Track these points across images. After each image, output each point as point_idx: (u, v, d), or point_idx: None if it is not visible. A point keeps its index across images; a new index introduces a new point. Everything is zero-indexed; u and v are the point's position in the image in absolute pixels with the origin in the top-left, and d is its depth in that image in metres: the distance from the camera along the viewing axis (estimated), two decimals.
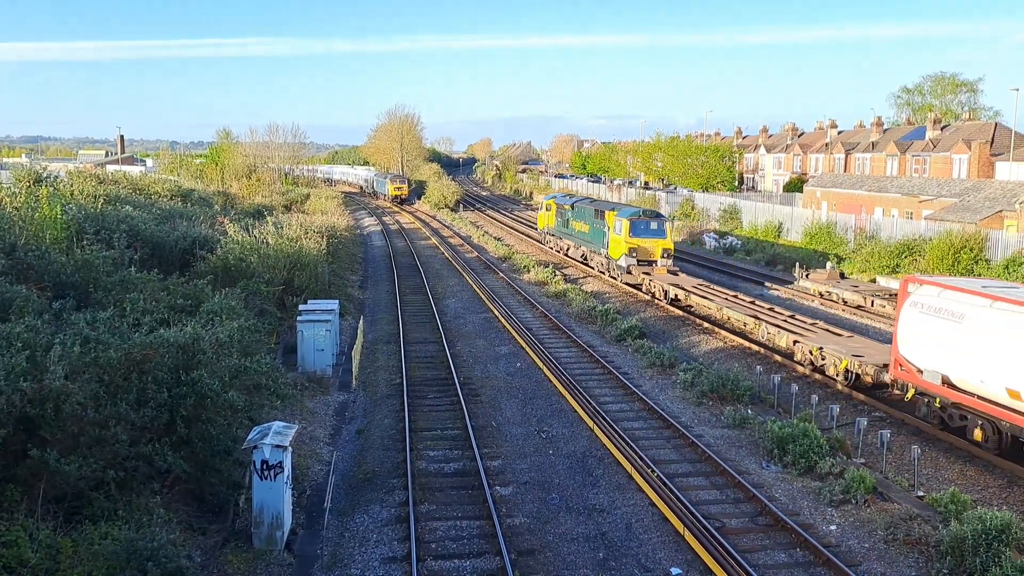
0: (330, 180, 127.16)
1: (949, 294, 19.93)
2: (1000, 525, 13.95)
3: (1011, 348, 17.39)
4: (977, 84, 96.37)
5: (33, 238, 23.61)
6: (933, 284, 20.93)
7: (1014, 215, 45.47)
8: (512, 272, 48.22)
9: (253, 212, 51.67)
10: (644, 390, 24.57)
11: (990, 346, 18.03)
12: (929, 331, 19.95)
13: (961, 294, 19.61)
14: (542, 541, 15.22)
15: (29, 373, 13.12)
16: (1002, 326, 17.85)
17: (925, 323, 20.14)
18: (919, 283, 21.32)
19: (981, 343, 18.31)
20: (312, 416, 21.63)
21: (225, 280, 26.90)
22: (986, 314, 18.44)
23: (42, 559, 11.14)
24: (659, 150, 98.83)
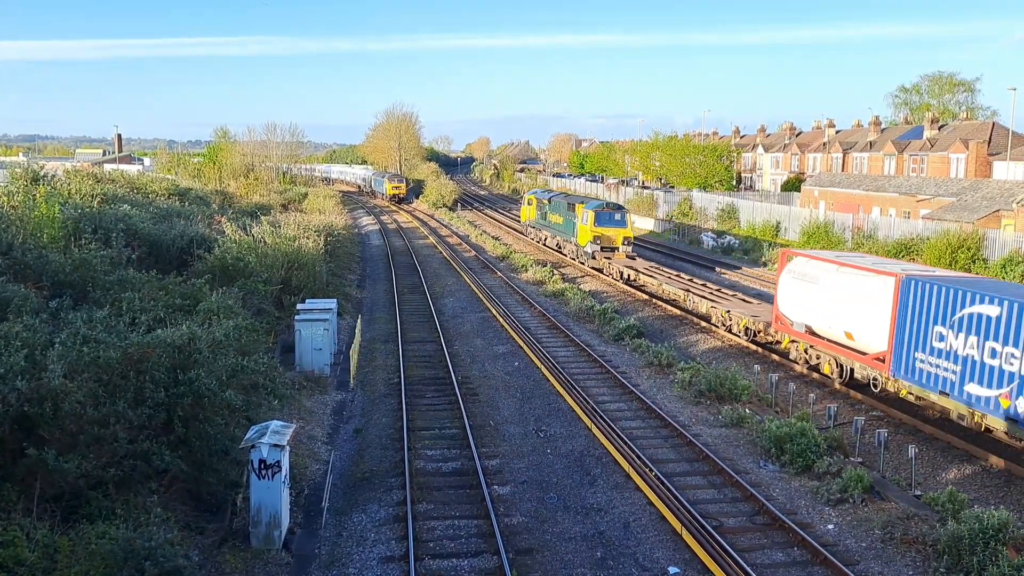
0: (328, 179, 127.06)
1: (811, 262, 25.67)
2: (997, 524, 13.97)
3: (848, 301, 23.23)
4: (974, 84, 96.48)
5: (31, 237, 23.57)
6: (802, 255, 26.83)
7: (1011, 214, 45.54)
8: (510, 271, 48.23)
9: (251, 211, 51.63)
10: (642, 389, 24.59)
11: (835, 301, 23.76)
12: (798, 292, 25.69)
13: (819, 262, 25.36)
14: (540, 540, 15.22)
15: (27, 372, 13.10)
16: (843, 285, 23.60)
17: (795, 286, 25.89)
18: (793, 255, 27.06)
19: (830, 299, 24.01)
20: (310, 415, 21.62)
21: (223, 279, 26.87)
22: (834, 277, 24.19)
23: (39, 558, 11.13)
24: (657, 149, 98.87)
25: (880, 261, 26.41)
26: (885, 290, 21.97)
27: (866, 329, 22.70)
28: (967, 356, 19.26)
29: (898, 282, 21.63)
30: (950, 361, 19.82)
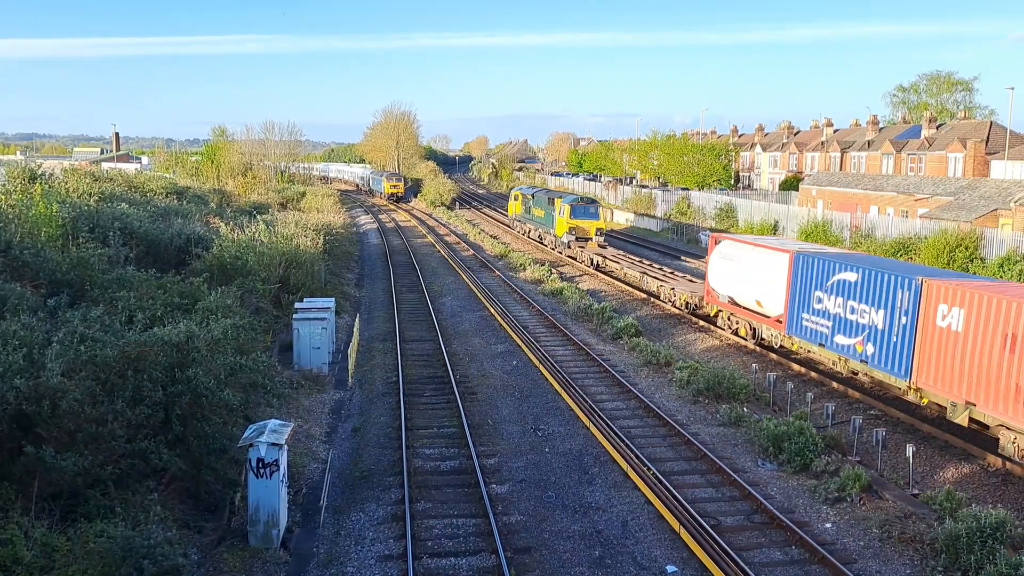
0: (326, 178, 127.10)
1: (734, 244, 30.34)
2: (995, 523, 14.00)
3: (758, 275, 27.81)
4: (972, 83, 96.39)
5: (28, 236, 23.53)
6: (727, 239, 31.45)
7: (1009, 214, 45.58)
8: (508, 270, 48.24)
9: (249, 210, 51.59)
10: (640, 388, 24.61)
11: (749, 275, 28.37)
12: (722, 270, 30.17)
13: (739, 244, 30.16)
14: (538, 539, 15.23)
15: (25, 371, 13.09)
16: (755, 262, 28.17)
17: (721, 264, 30.30)
18: (720, 239, 31.60)
19: (746, 274, 28.60)
20: (308, 414, 21.61)
21: (221, 278, 26.85)
22: (748, 255, 28.75)
23: (37, 557, 11.12)
24: (655, 148, 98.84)
25: (784, 242, 31.62)
26: (783, 264, 26.55)
27: (770, 297, 27.31)
28: (836, 314, 23.91)
29: (791, 257, 26.14)
30: (825, 319, 24.46)
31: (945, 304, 19.78)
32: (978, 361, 18.67)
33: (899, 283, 21.41)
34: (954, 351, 19.41)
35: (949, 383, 19.58)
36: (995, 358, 18.20)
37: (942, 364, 19.81)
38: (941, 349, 19.83)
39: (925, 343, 20.37)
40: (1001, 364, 18.01)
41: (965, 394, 19.06)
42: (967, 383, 19.01)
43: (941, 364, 19.85)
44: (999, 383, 18.05)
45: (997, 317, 18.26)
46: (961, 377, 19.19)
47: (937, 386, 20.00)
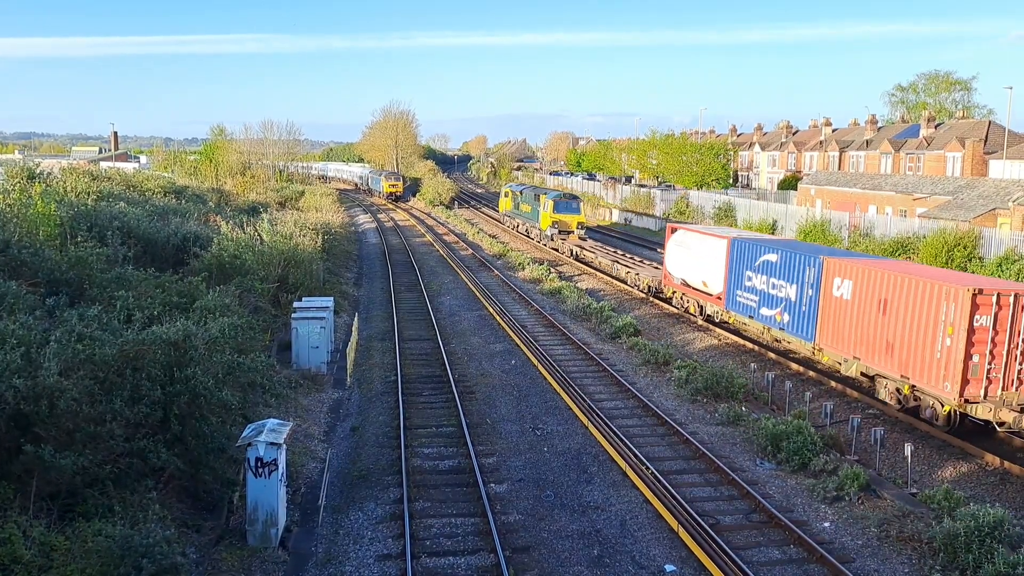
0: (325, 177, 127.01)
1: (686, 233, 34.41)
2: (993, 522, 14.02)
3: (704, 259, 31.83)
4: (971, 82, 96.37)
5: (26, 235, 23.52)
6: (680, 228, 35.45)
7: (1007, 213, 45.62)
8: (507, 269, 48.24)
9: (248, 209, 51.56)
10: (638, 387, 24.62)
11: (697, 260, 32.42)
12: (676, 256, 34.33)
13: (690, 232, 34.22)
14: (536, 538, 15.23)
15: (23, 370, 13.07)
16: (701, 248, 32.21)
17: (675, 251, 34.41)
18: (675, 228, 35.79)
19: (695, 258, 32.71)
20: (307, 413, 21.61)
21: (219, 277, 26.83)
22: (696, 242, 32.85)
23: (36, 556, 11.12)
24: (654, 148, 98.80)
25: (726, 230, 36.36)
26: (722, 249, 30.61)
27: (713, 278, 31.33)
28: (761, 289, 27.90)
29: (728, 243, 30.29)
30: (753, 294, 28.45)
31: (839, 277, 23.60)
32: (861, 323, 22.59)
33: (807, 261, 25.31)
34: (845, 316, 23.28)
35: (842, 343, 23.45)
36: (872, 320, 22.12)
37: (837, 327, 23.67)
38: (836, 315, 23.70)
39: (825, 310, 24.26)
40: (877, 325, 21.94)
41: (853, 351, 22.95)
42: (854, 342, 22.91)
43: (836, 327, 23.72)
44: (875, 340, 22.01)
45: (874, 286, 22.11)
46: (850, 337, 23.06)
47: (833, 346, 23.92)
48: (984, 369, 19.22)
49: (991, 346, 19.15)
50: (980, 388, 19.27)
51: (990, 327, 19.10)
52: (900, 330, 21.09)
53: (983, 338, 19.12)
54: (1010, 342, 19.15)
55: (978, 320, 19.08)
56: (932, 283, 20.30)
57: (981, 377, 19.23)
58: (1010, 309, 19.12)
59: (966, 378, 19.19)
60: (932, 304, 20.08)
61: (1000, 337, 19.13)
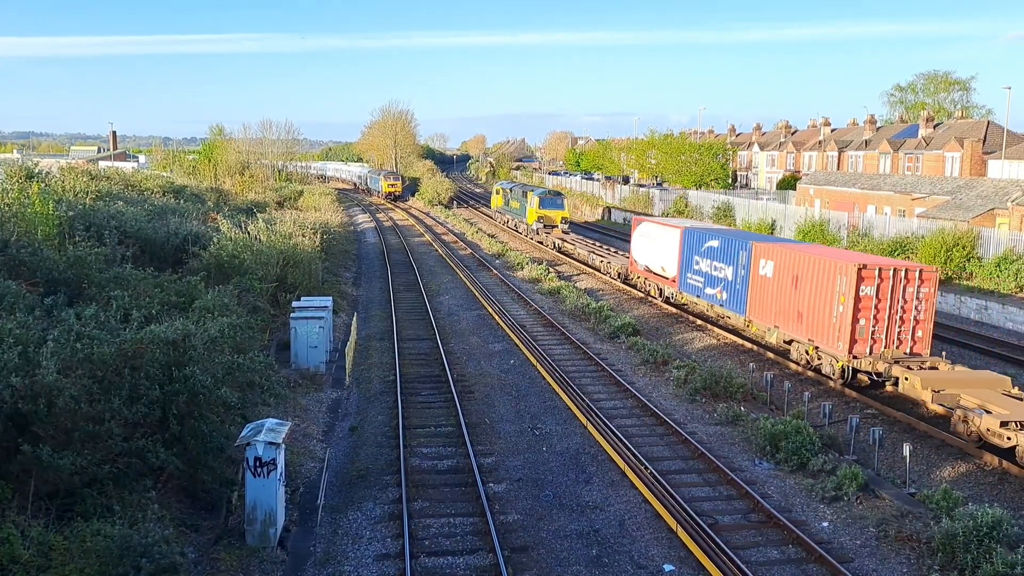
0: (324, 177, 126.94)
1: (649, 224, 38.37)
2: (991, 521, 14.02)
3: (662, 247, 35.89)
4: (969, 82, 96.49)
5: (25, 234, 23.49)
6: (645, 221, 39.33)
7: (1006, 213, 45.65)
8: (506, 269, 48.23)
9: (246, 208, 51.51)
10: (637, 387, 24.62)
11: (657, 247, 36.43)
12: (641, 245, 38.35)
13: (652, 224, 38.25)
14: (535, 538, 15.23)
15: (21, 369, 13.05)
16: (660, 237, 36.15)
17: (640, 241, 38.42)
18: (640, 221, 39.51)
19: (655, 247, 36.65)
20: (305, 413, 21.60)
21: (218, 277, 26.81)
22: (656, 232, 36.86)
23: (34, 556, 11.11)
24: (653, 147, 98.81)
25: (681, 221, 41.28)
26: (676, 238, 34.43)
27: (669, 263, 35.22)
28: (706, 272, 31.67)
29: (681, 232, 34.15)
30: (700, 276, 32.31)
31: (764, 259, 27.40)
32: (780, 297, 26.42)
33: (740, 246, 29.14)
34: (768, 292, 27.10)
35: (766, 315, 27.29)
36: (788, 294, 25.96)
37: (762, 301, 27.53)
38: (762, 291, 27.51)
39: (754, 288, 28.00)
40: (791, 298, 25.76)
41: (774, 321, 26.79)
42: (775, 313, 26.75)
43: (761, 302, 27.54)
44: (790, 311, 25.86)
45: (789, 265, 25.92)
46: (772, 310, 26.92)
47: (760, 318, 27.83)
48: (869, 331, 22.96)
49: (874, 312, 22.92)
50: (866, 347, 22.99)
51: (873, 296, 22.81)
52: (807, 301, 24.89)
53: (868, 305, 22.87)
54: (890, 309, 22.91)
55: (863, 290, 22.80)
56: (829, 260, 24.16)
57: (867, 338, 22.97)
58: (890, 281, 22.85)
59: (854, 339, 22.97)
60: (829, 278, 23.82)
61: (882, 304, 22.87)
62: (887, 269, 23.04)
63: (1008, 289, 36.47)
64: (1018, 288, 36.33)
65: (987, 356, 27.48)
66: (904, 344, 23.05)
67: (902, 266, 23.40)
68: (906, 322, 23.07)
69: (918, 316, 23.11)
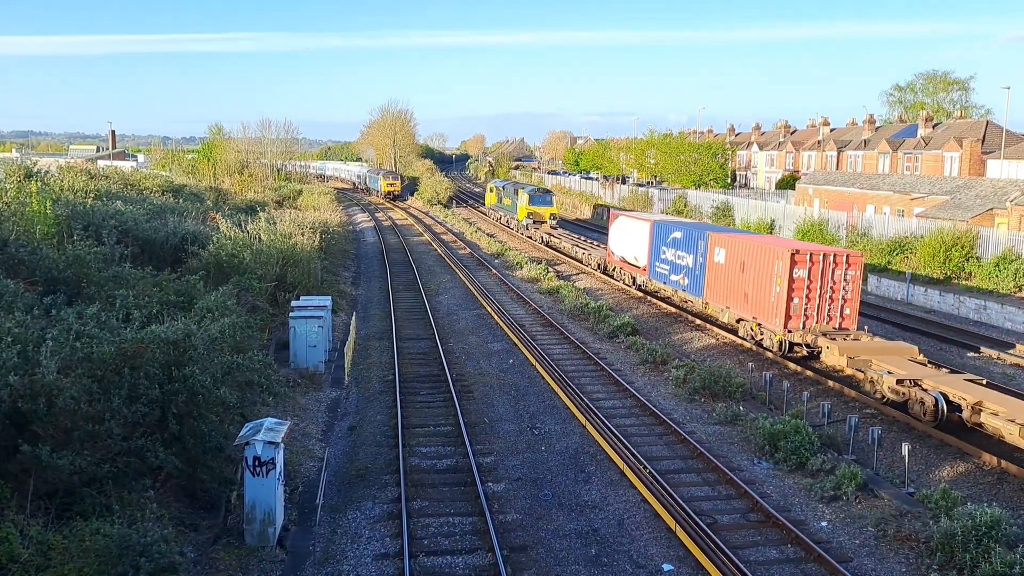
0: (323, 176, 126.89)
1: (625, 218, 41.05)
2: (990, 521, 14.04)
3: (635, 238, 38.94)
4: (968, 82, 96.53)
5: (24, 233, 23.48)
6: (621, 215, 41.91)
7: (1005, 213, 45.68)
8: (505, 268, 48.24)
9: (245, 208, 51.49)
10: (636, 387, 24.62)
11: (631, 239, 39.43)
12: (617, 237, 41.38)
13: (627, 218, 40.86)
14: (534, 537, 15.23)
15: (20, 368, 13.04)
16: (634, 229, 39.13)
17: (616, 233, 41.51)
18: (617, 215, 42.24)
19: (629, 238, 39.70)
20: (304, 412, 21.60)
21: (217, 276, 26.80)
22: (630, 225, 39.68)
23: (33, 555, 11.10)
24: (652, 147, 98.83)
25: (652, 215, 46.14)
26: (647, 230, 37.48)
27: (641, 253, 38.28)
28: (671, 260, 34.81)
29: (651, 224, 37.21)
30: (666, 265, 35.37)
31: (718, 247, 30.41)
32: (731, 281, 29.47)
33: (699, 236, 32.17)
34: (721, 276, 30.20)
35: (720, 297, 30.46)
36: (737, 278, 29.03)
37: (717, 286, 30.59)
38: (716, 276, 30.59)
39: (710, 273, 31.11)
40: (739, 281, 28.86)
41: (726, 303, 29.99)
42: (726, 296, 29.91)
43: (716, 286, 30.65)
44: (738, 293, 28.89)
45: (738, 252, 29.01)
46: (724, 292, 30.07)
47: (715, 300, 31.00)
48: (802, 308, 26.07)
49: (806, 292, 26.00)
50: (799, 322, 26.15)
51: (805, 278, 25.92)
52: (752, 284, 27.98)
53: (800, 286, 25.96)
54: (820, 289, 26.04)
55: (796, 273, 25.85)
56: (768, 247, 27.43)
57: (800, 314, 26.09)
58: (820, 265, 25.95)
59: (789, 315, 26.07)
60: (769, 263, 26.90)
61: (813, 285, 26.01)
62: (817, 254, 26.15)
63: (1007, 289, 36.50)
64: (1016, 288, 36.36)
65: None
66: (833, 320, 26.20)
67: (831, 251, 26.53)
68: (835, 301, 26.19)
69: (845, 296, 26.28)
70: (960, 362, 27.04)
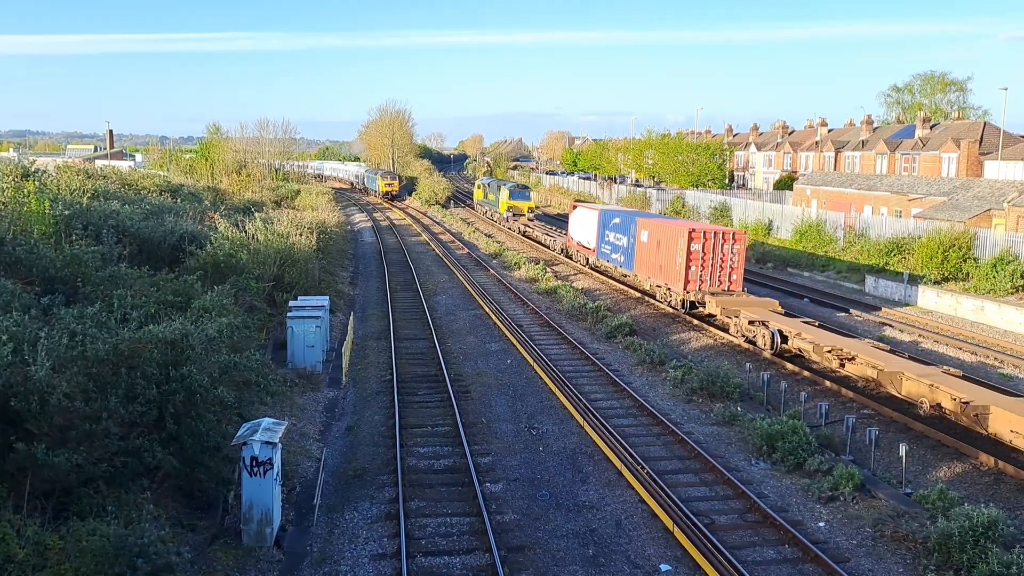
0: (321, 176, 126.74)
1: (582, 209, 47.29)
2: (987, 522, 14.05)
3: (587, 225, 44.92)
4: (966, 83, 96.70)
5: (21, 233, 23.42)
6: (579, 206, 48.42)
7: (1002, 214, 45.74)
8: (503, 269, 48.23)
9: (243, 207, 51.44)
10: (634, 387, 24.62)
11: (585, 226, 45.56)
12: (575, 224, 47.78)
13: (584, 208, 47.09)
14: (532, 538, 15.23)
15: (13, 366, 12.99)
16: (586, 217, 45.39)
17: (574, 222, 47.90)
18: (576, 206, 48.84)
19: (584, 225, 45.84)
20: (302, 412, 21.58)
21: (215, 276, 26.76)
22: (584, 214, 45.97)
23: (30, 555, 11.06)
24: (650, 147, 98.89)
25: (602, 206, 56.10)
26: (596, 217, 43.81)
27: (592, 238, 44.30)
28: (612, 242, 41.27)
29: (599, 213, 43.70)
30: (609, 246, 41.77)
31: (643, 230, 37.10)
32: (651, 256, 36.17)
33: (631, 221, 38.89)
34: (646, 253, 36.75)
35: (644, 270, 37.11)
36: (654, 253, 35.79)
37: (642, 261, 37.24)
38: (642, 253, 37.17)
39: (638, 251, 37.66)
40: (655, 255, 35.63)
41: (648, 275, 36.75)
42: (648, 268, 36.58)
43: (642, 260, 37.22)
44: (655, 265, 35.77)
45: (655, 233, 35.81)
46: (648, 266, 36.67)
47: (640, 273, 37.68)
48: (697, 275, 32.80)
49: (700, 262, 32.73)
50: (695, 286, 32.87)
51: (700, 251, 32.59)
52: (664, 257, 34.76)
53: (696, 257, 32.63)
54: (713, 259, 32.69)
55: (693, 247, 32.52)
56: (674, 227, 34.39)
57: (696, 279, 32.84)
58: (712, 241, 32.63)
59: (687, 280, 32.84)
60: (674, 240, 33.53)
61: (706, 257, 32.71)
62: (709, 232, 32.90)
63: (1004, 290, 36.53)
64: (1014, 289, 36.40)
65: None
66: (723, 284, 32.89)
67: (720, 230, 33.28)
68: (724, 269, 32.87)
69: (733, 265, 32.92)
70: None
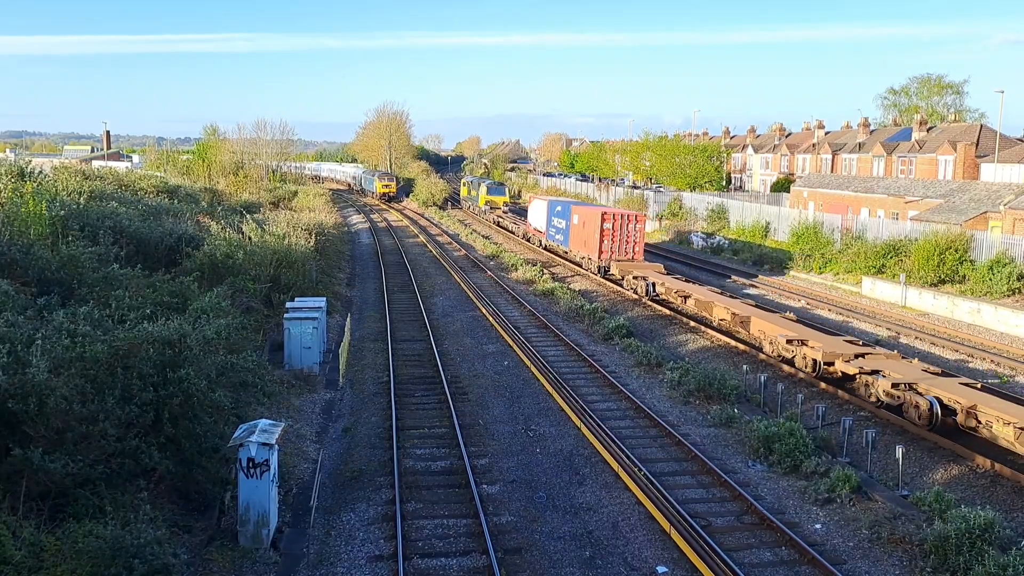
0: (318, 177, 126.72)
1: (537, 200, 59.00)
2: (983, 524, 14.07)
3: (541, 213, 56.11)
4: (962, 86, 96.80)
5: (17, 233, 23.38)
6: (535, 198, 60.66)
7: (999, 216, 45.81)
8: (500, 270, 48.23)
9: (240, 208, 51.40)
10: (631, 389, 24.63)
11: (539, 214, 56.58)
12: (533, 213, 58.91)
13: (537, 199, 59.52)
14: (529, 539, 15.23)
15: (9, 367, 12.96)
16: (540, 207, 56.70)
17: (531, 211, 59.43)
18: (533, 198, 62.80)
19: (538, 213, 57.16)
20: (299, 414, 21.55)
21: (212, 277, 26.75)
22: (538, 204, 57.82)
23: (25, 557, 11.04)
24: (647, 149, 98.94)
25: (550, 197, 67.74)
26: (545, 206, 54.26)
27: (544, 224, 54.34)
28: (557, 225, 50.83)
29: (547, 202, 54.88)
30: (554, 229, 51.38)
31: (576, 215, 46.52)
32: (581, 235, 45.33)
33: (568, 208, 48.70)
34: (577, 233, 46.01)
35: (577, 246, 46.47)
36: (582, 232, 45.24)
37: (575, 238, 46.64)
38: (575, 233, 46.57)
39: (572, 231, 47.25)
40: (582, 234, 45.07)
41: (579, 250, 45.86)
42: (579, 244, 45.93)
43: (575, 239, 46.67)
44: (582, 240, 45.31)
45: (584, 217, 45.06)
46: (578, 242, 46.03)
47: (575, 249, 46.96)
48: (610, 247, 42.60)
49: (612, 237, 42.48)
50: (608, 255, 42.58)
51: (611, 229, 42.42)
52: (588, 235, 43.97)
53: (608, 234, 42.39)
54: (620, 235, 42.48)
55: (605, 226, 42.28)
56: (594, 211, 44.23)
57: (608, 251, 42.60)
58: (620, 221, 42.52)
59: (602, 251, 42.65)
60: (594, 221, 42.84)
61: (616, 234, 42.51)
62: (618, 215, 43.04)
63: (1001, 292, 36.59)
64: (1010, 291, 36.46)
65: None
66: (628, 254, 42.61)
67: (625, 213, 43.94)
68: (629, 242, 42.67)
69: (636, 240, 42.71)
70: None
